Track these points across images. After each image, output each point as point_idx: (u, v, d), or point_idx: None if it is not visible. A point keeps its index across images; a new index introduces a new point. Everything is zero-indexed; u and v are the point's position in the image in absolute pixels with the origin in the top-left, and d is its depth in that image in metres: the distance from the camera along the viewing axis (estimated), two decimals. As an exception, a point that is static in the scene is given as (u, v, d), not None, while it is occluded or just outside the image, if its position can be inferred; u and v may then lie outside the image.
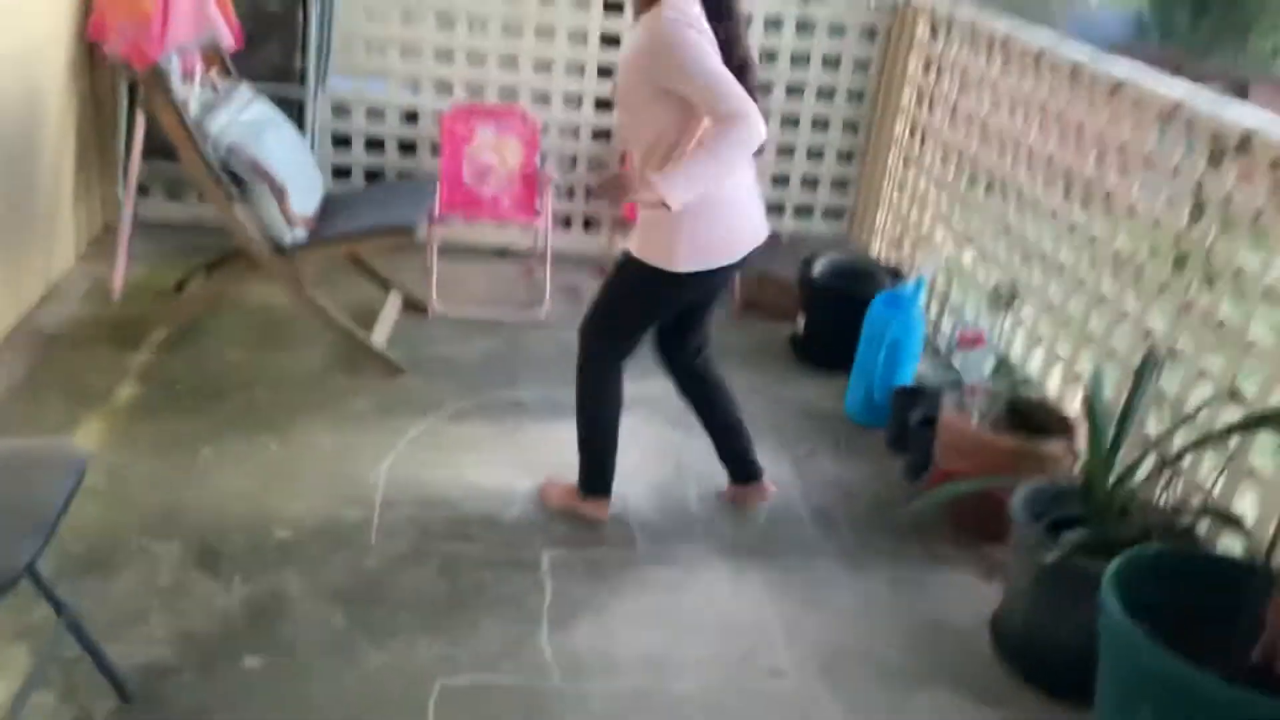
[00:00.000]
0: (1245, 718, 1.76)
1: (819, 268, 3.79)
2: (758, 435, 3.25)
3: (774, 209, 4.51)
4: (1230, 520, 2.26)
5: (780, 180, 4.46)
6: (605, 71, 4.14)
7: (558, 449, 2.97)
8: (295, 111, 3.90)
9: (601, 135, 4.32)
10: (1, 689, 2.03)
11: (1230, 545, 2.36)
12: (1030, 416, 2.83)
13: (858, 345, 3.39)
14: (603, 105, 4.22)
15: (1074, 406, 2.89)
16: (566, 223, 4.43)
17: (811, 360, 3.75)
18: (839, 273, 3.79)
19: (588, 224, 4.45)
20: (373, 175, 4.29)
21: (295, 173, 3.28)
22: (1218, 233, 2.49)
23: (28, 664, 2.09)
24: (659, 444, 3.14)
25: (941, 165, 3.87)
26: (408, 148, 4.25)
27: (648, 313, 2.62)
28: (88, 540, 2.45)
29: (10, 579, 1.50)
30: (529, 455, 2.99)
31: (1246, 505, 2.35)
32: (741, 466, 2.88)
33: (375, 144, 4.25)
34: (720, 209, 2.45)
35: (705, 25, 2.42)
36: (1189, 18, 15.16)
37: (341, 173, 4.26)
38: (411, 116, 4.23)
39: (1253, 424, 2.11)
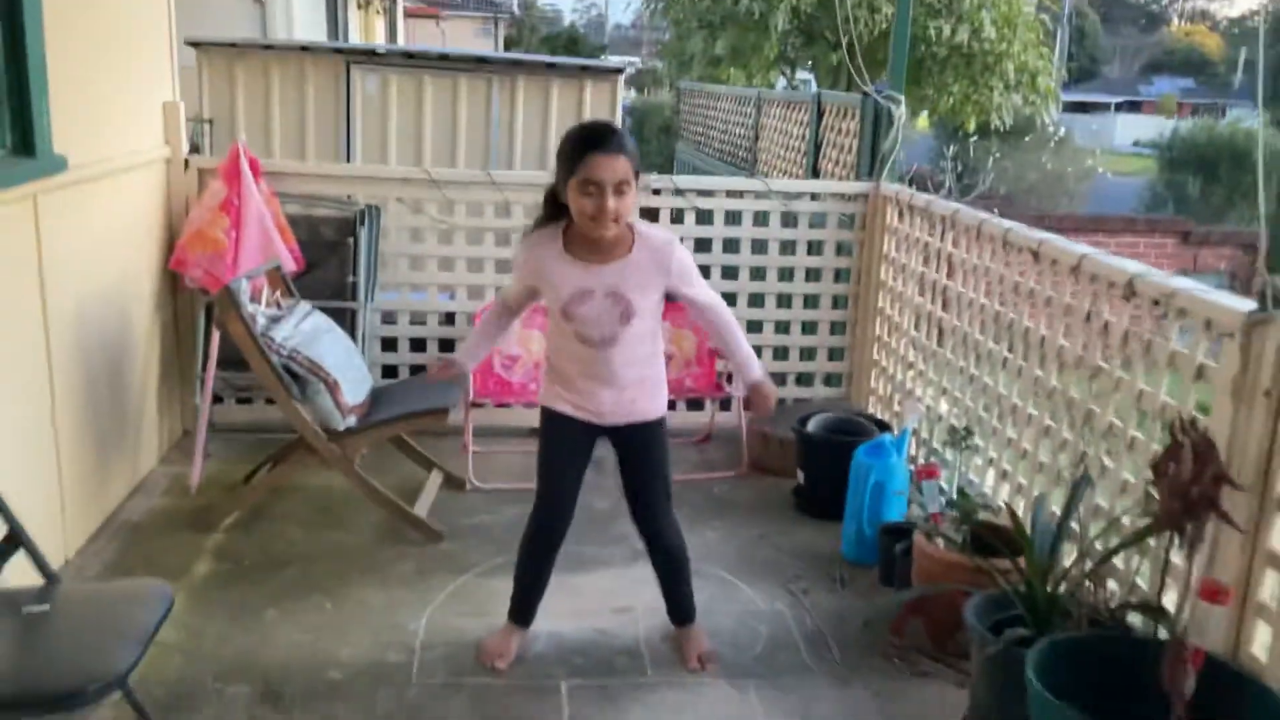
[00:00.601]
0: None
1: (813, 425, 4.21)
2: (761, 578, 3.63)
3: (778, 377, 4.96)
4: (1155, 611, 2.57)
5: (780, 352, 4.94)
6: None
7: (577, 595, 3.38)
8: (349, 321, 4.49)
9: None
10: (100, 805, 2.42)
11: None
12: (994, 538, 3.17)
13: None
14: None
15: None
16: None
17: (812, 510, 4.12)
18: (831, 428, 4.20)
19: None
20: (417, 372, 4.83)
21: (346, 369, 3.81)
22: (1121, 364, 2.89)
23: (122, 784, 2.48)
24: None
25: (915, 329, 4.32)
26: (447, 345, 4.82)
27: None
28: (169, 687, 2.85)
29: (117, 678, 1.92)
30: (551, 601, 3.31)
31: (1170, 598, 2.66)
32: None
33: (418, 344, 4.83)
34: None
35: None
36: (1200, 185, 15.81)
37: (390, 371, 4.81)
38: (449, 318, 4.81)
39: (1141, 535, 2.46)
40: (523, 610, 3.13)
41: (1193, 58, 49.80)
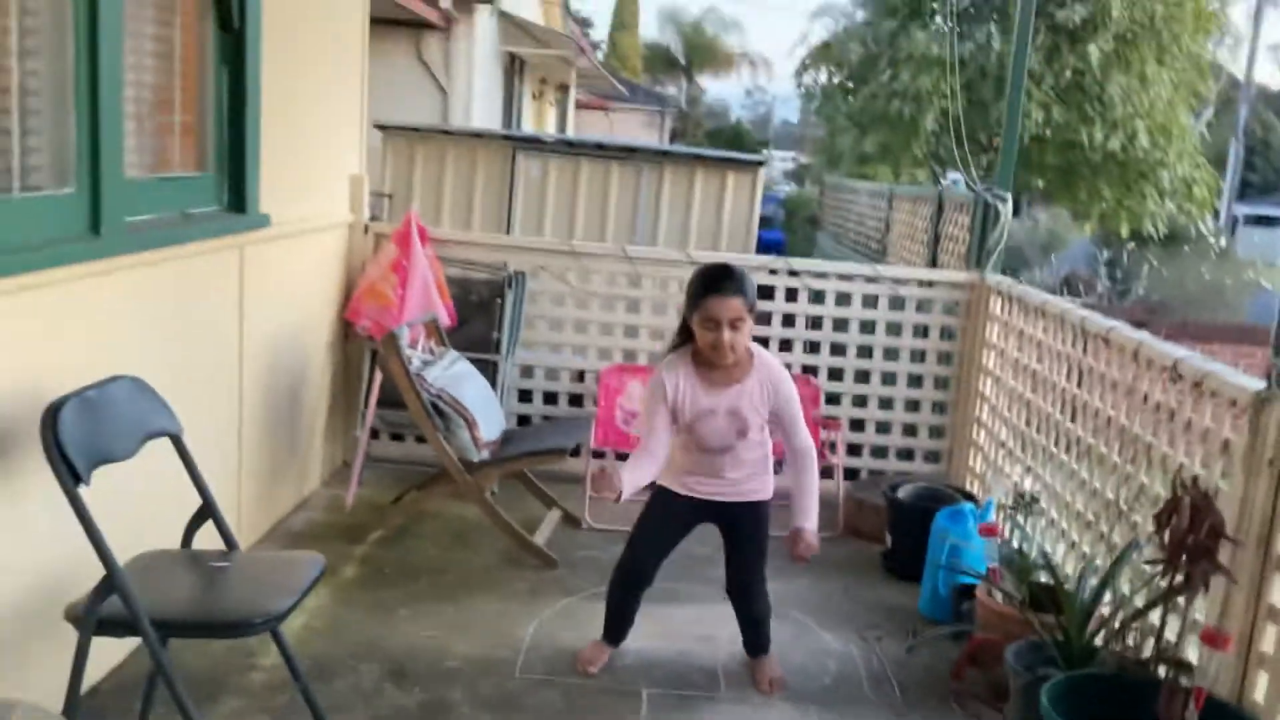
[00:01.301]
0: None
1: (903, 493, 4.53)
2: (838, 625, 3.95)
3: (879, 452, 5.31)
4: (1180, 664, 2.81)
5: (883, 427, 5.27)
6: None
7: (666, 623, 3.80)
8: (491, 372, 5.06)
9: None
10: (252, 740, 2.93)
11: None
12: (1049, 596, 3.43)
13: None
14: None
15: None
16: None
17: (897, 571, 4.42)
18: (919, 496, 4.51)
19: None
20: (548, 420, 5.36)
21: (483, 410, 4.36)
22: (1167, 440, 3.16)
23: (270, 726, 3.00)
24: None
25: (1008, 410, 4.61)
26: (575, 400, 5.34)
27: None
28: (314, 660, 3.37)
29: (277, 616, 2.43)
30: (643, 626, 3.71)
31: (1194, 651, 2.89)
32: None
33: (550, 397, 5.37)
34: None
35: None
36: (1370, 300, 15.26)
37: (524, 421, 5.35)
38: (579, 376, 5.34)
39: (1164, 596, 2.71)
40: (612, 632, 3.57)
41: (1385, 172, 47.37)
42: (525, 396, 5.38)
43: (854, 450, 5.27)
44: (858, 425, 5.27)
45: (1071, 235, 19.50)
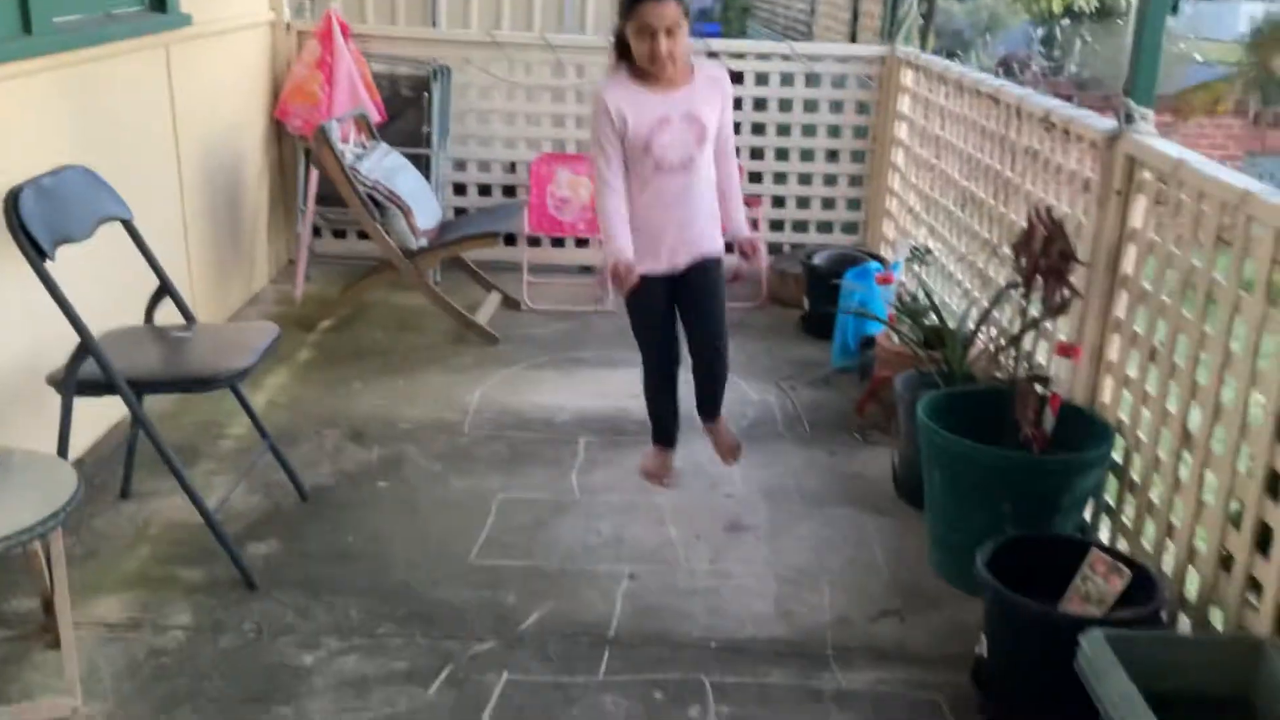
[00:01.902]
0: (976, 458, 2.74)
1: (818, 259, 4.85)
2: (758, 378, 4.33)
3: (799, 226, 5.60)
4: (1042, 378, 3.20)
5: (803, 202, 5.55)
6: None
7: (603, 385, 4.14)
8: (423, 167, 5.23)
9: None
10: (223, 489, 3.26)
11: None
12: (939, 334, 3.80)
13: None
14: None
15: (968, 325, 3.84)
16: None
17: (813, 332, 4.79)
18: (833, 262, 4.84)
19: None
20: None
21: (418, 199, 4.57)
22: (1042, 186, 3.48)
23: (237, 478, 3.33)
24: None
25: (917, 177, 4.90)
26: (509, 190, 5.54)
27: None
28: (279, 428, 3.68)
29: (239, 373, 2.72)
30: (582, 388, 4.12)
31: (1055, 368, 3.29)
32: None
33: (484, 190, 5.56)
34: None
35: None
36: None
37: (460, 212, 5.56)
38: (511, 167, 5.52)
39: (1025, 319, 3.06)
40: (662, 434, 3.49)
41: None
42: (460, 190, 5.57)
43: (776, 226, 5.56)
44: (779, 202, 5.54)
45: (1012, 17, 19.39)
